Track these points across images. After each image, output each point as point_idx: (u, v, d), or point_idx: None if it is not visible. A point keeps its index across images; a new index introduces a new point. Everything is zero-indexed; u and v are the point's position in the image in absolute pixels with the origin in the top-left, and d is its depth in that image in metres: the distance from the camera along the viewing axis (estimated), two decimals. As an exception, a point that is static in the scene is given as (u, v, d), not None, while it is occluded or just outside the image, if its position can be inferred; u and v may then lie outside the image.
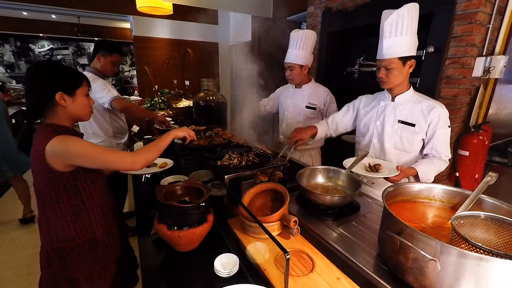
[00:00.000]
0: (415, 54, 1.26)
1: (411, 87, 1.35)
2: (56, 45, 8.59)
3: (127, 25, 7.68)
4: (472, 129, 1.85)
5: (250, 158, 1.14)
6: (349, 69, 2.76)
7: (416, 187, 0.79)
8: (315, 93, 1.96)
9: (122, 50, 2.42)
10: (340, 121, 1.56)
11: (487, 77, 1.76)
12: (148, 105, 3.00)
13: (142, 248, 0.97)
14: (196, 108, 2.35)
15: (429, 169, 1.25)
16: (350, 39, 2.70)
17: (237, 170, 1.05)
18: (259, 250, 0.83)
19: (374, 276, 0.69)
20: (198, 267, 0.86)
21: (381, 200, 0.70)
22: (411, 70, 1.28)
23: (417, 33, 1.26)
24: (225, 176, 1.00)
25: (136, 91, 7.29)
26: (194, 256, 0.91)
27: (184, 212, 0.84)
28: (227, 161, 1.10)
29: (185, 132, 1.12)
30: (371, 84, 2.19)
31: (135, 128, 2.54)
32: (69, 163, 0.90)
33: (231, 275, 0.78)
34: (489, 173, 0.76)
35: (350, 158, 1.34)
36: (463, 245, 0.56)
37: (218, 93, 2.32)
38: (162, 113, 2.74)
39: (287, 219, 0.80)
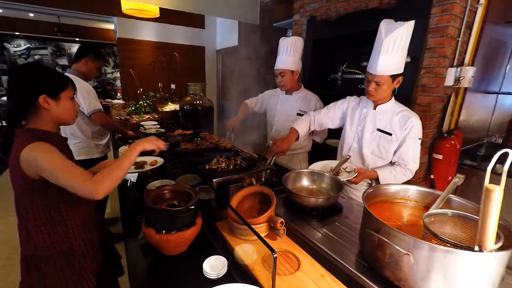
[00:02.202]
0: (403, 71, 1.32)
1: (393, 97, 1.43)
2: (33, 44, 8.23)
3: (110, 26, 7.49)
4: (445, 135, 1.98)
5: (238, 162, 1.16)
6: (332, 75, 2.87)
7: (393, 188, 0.86)
8: (306, 100, 2.00)
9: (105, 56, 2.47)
10: (323, 116, 1.60)
11: (458, 86, 1.90)
12: (133, 108, 2.95)
13: (129, 253, 0.96)
14: (183, 112, 2.35)
15: (389, 175, 1.32)
16: (333, 47, 2.81)
17: (225, 173, 1.07)
18: (247, 251, 0.86)
19: (356, 273, 0.73)
20: (187, 270, 0.87)
21: (362, 202, 0.75)
22: (398, 85, 1.35)
23: None
24: (214, 180, 1.02)
25: (119, 94, 7.12)
26: (182, 259, 0.92)
27: (173, 215, 0.85)
28: (215, 165, 1.12)
29: (154, 145, 0.96)
30: (354, 90, 2.30)
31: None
32: (38, 173, 0.85)
33: (219, 276, 0.80)
34: (457, 174, 0.83)
35: (317, 162, 1.41)
36: (433, 240, 0.62)
37: (205, 98, 2.34)
38: (147, 116, 2.71)
39: (274, 221, 0.84)
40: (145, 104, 2.99)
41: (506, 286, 0.63)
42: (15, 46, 8.09)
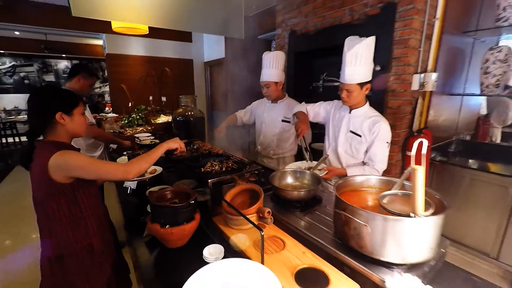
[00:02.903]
0: (371, 79, 1.53)
1: (367, 102, 1.63)
2: (19, 62, 8.19)
3: (98, 42, 7.59)
4: (415, 133, 2.20)
5: (230, 164, 1.32)
6: (314, 84, 3.09)
7: (359, 179, 1.03)
8: (290, 107, 2.18)
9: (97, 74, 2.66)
10: (315, 109, 1.78)
11: (423, 90, 2.13)
12: (126, 121, 3.06)
13: (136, 249, 1.09)
14: (176, 123, 2.49)
15: (357, 173, 1.46)
16: (313, 57, 3.04)
17: (219, 175, 1.22)
18: (240, 239, 1.00)
19: (330, 247, 0.89)
20: (189, 258, 1.00)
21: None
22: (367, 92, 1.55)
23: None
24: (209, 180, 1.16)
25: (107, 108, 7.16)
26: (184, 250, 1.05)
27: (176, 211, 0.99)
28: (210, 168, 1.27)
29: (177, 144, 1.21)
30: (334, 97, 2.50)
31: (114, 145, 2.60)
32: (69, 175, 1.01)
33: (218, 260, 0.94)
34: (411, 165, 1.02)
35: (292, 163, 1.60)
36: (384, 213, 0.79)
37: (196, 109, 2.49)
38: (140, 128, 2.83)
39: (262, 211, 0.99)
40: (137, 117, 3.10)
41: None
42: (0, 64, 8.02)
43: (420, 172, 0.70)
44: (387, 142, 1.52)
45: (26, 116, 7.39)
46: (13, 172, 5.19)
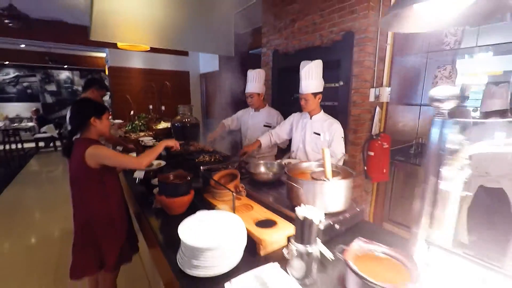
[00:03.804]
0: (321, 90, 2.00)
1: (322, 110, 2.09)
2: (22, 72, 8.58)
3: (101, 54, 8.04)
4: (374, 137, 2.66)
5: (217, 157, 1.74)
6: (295, 95, 3.55)
7: (305, 164, 1.45)
8: (270, 115, 2.65)
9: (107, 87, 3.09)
10: (279, 131, 2.24)
11: (378, 101, 2.61)
12: (130, 127, 3.47)
13: (148, 216, 1.49)
14: (174, 128, 2.91)
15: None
16: (293, 73, 3.51)
17: (208, 164, 1.64)
18: (224, 208, 1.41)
19: (283, 209, 1.30)
20: (186, 220, 1.40)
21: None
22: (319, 100, 2.01)
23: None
24: (201, 167, 1.58)
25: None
26: (182, 217, 1.45)
27: (177, 185, 1.40)
28: (202, 159, 1.68)
29: (173, 142, 1.68)
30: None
31: (120, 147, 3.00)
32: (99, 162, 1.41)
33: (206, 219, 1.34)
34: (343, 154, 1.45)
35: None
36: (310, 180, 1.21)
37: (192, 116, 2.92)
38: (143, 134, 3.24)
39: (238, 186, 1.41)
40: (140, 123, 3.52)
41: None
42: (4, 74, 8.39)
43: (326, 152, 1.14)
44: (342, 137, 1.97)
45: (27, 123, 7.65)
46: (20, 175, 5.50)
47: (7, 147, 7.12)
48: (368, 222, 1.39)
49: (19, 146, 7.31)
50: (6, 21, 3.26)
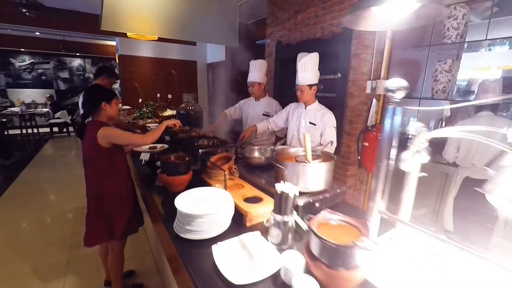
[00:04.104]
0: (317, 82, 2.10)
1: (317, 100, 2.19)
2: (37, 59, 8.88)
3: (111, 43, 8.22)
4: (369, 128, 2.75)
5: (215, 142, 1.89)
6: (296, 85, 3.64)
7: (292, 150, 1.58)
8: (269, 104, 2.78)
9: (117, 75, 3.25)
10: (276, 119, 2.37)
11: (375, 93, 2.68)
12: (138, 114, 3.66)
13: (151, 191, 1.66)
14: (179, 116, 3.07)
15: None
16: (295, 64, 3.59)
17: (207, 147, 1.79)
18: (218, 186, 1.57)
19: (271, 188, 1.45)
20: (184, 196, 1.57)
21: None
22: (315, 92, 2.11)
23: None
24: (200, 150, 1.74)
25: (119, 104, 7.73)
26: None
27: (177, 165, 1.56)
28: (201, 143, 1.84)
29: (174, 121, 1.85)
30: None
31: (129, 132, 3.18)
32: (110, 141, 1.58)
33: (202, 196, 1.51)
34: (330, 143, 1.57)
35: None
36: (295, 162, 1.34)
37: (196, 104, 3.07)
38: (150, 120, 3.42)
39: (232, 167, 1.56)
40: (147, 111, 3.70)
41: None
42: (20, 61, 8.71)
43: (307, 137, 1.26)
44: (334, 127, 2.07)
45: (42, 109, 7.97)
46: (36, 159, 5.83)
47: (24, 131, 7.49)
48: (349, 204, 1.52)
49: (35, 131, 7.67)
50: (24, 10, 3.43)
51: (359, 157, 2.74)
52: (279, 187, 1.06)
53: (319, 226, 0.90)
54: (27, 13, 3.54)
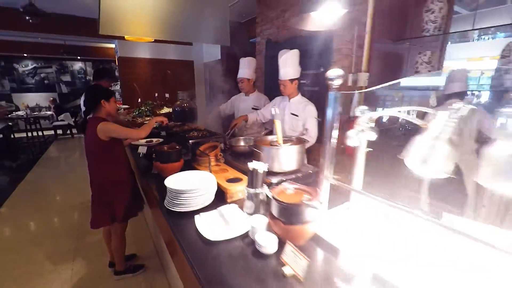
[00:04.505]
0: (298, 77, 2.28)
1: (299, 93, 2.37)
2: (39, 64, 9.12)
3: (110, 45, 8.44)
4: (351, 118, 2.92)
5: (204, 133, 2.08)
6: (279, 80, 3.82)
7: (271, 137, 1.77)
8: (258, 99, 2.97)
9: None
10: (263, 112, 2.56)
11: (356, 85, 2.85)
12: (136, 113, 3.87)
13: (147, 178, 1.86)
14: (175, 112, 3.27)
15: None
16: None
17: (197, 138, 1.99)
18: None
19: (251, 170, 1.64)
20: (176, 181, 1.77)
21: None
22: (296, 85, 2.29)
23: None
24: (190, 141, 1.94)
25: (118, 105, 7.97)
26: (174, 179, 1.82)
27: (169, 153, 1.76)
28: (191, 134, 2.03)
29: (162, 118, 2.08)
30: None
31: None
32: (109, 135, 1.78)
33: (192, 180, 1.70)
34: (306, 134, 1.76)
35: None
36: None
37: (191, 101, 3.26)
38: (148, 118, 3.62)
39: (218, 154, 1.75)
40: (145, 109, 3.90)
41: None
42: (23, 66, 8.96)
43: (278, 124, 1.46)
44: (315, 117, 2.25)
45: (46, 112, 8.21)
46: (41, 160, 6.08)
47: (29, 134, 7.75)
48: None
49: (40, 133, 7.93)
50: (27, 17, 3.65)
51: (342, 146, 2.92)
52: (251, 165, 1.25)
53: (279, 194, 1.09)
54: (30, 20, 3.76)
